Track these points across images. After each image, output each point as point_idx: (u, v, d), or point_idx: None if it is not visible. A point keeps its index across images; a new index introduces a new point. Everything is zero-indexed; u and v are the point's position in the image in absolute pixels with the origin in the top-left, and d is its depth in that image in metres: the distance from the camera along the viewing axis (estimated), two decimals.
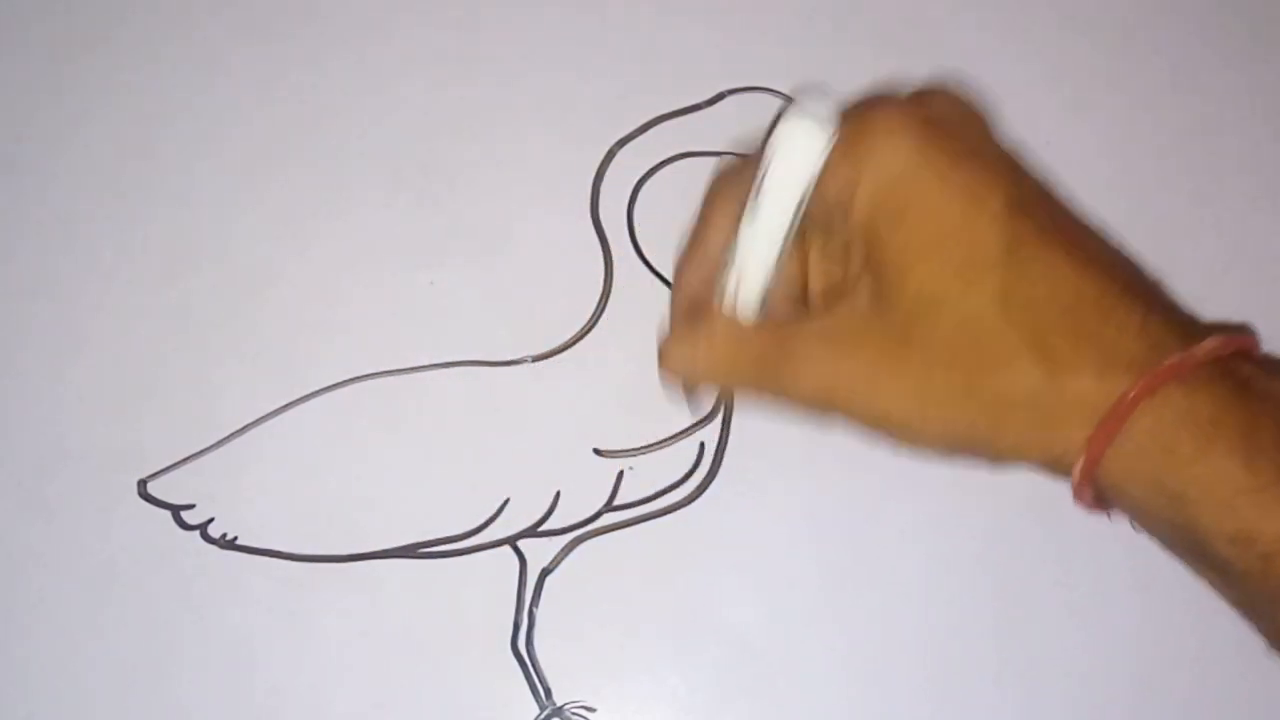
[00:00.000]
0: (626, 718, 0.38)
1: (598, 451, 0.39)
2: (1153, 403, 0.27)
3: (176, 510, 0.38)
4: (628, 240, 0.40)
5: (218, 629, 0.38)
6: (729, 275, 0.31)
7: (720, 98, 0.42)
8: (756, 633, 0.38)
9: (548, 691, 0.37)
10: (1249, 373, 0.28)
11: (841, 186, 0.30)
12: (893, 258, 0.30)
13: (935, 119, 0.30)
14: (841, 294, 0.32)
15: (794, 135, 0.29)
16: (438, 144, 0.42)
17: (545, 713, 0.37)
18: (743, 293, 0.31)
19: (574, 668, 0.38)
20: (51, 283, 0.40)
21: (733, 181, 0.33)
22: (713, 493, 0.39)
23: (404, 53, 0.42)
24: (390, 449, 0.39)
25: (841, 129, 0.30)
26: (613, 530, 0.38)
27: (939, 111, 0.31)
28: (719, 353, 0.32)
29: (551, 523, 0.38)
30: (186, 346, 0.40)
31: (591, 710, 0.37)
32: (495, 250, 0.41)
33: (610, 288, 0.40)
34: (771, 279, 0.31)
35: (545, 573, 0.38)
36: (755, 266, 0.31)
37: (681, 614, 0.38)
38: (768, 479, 0.39)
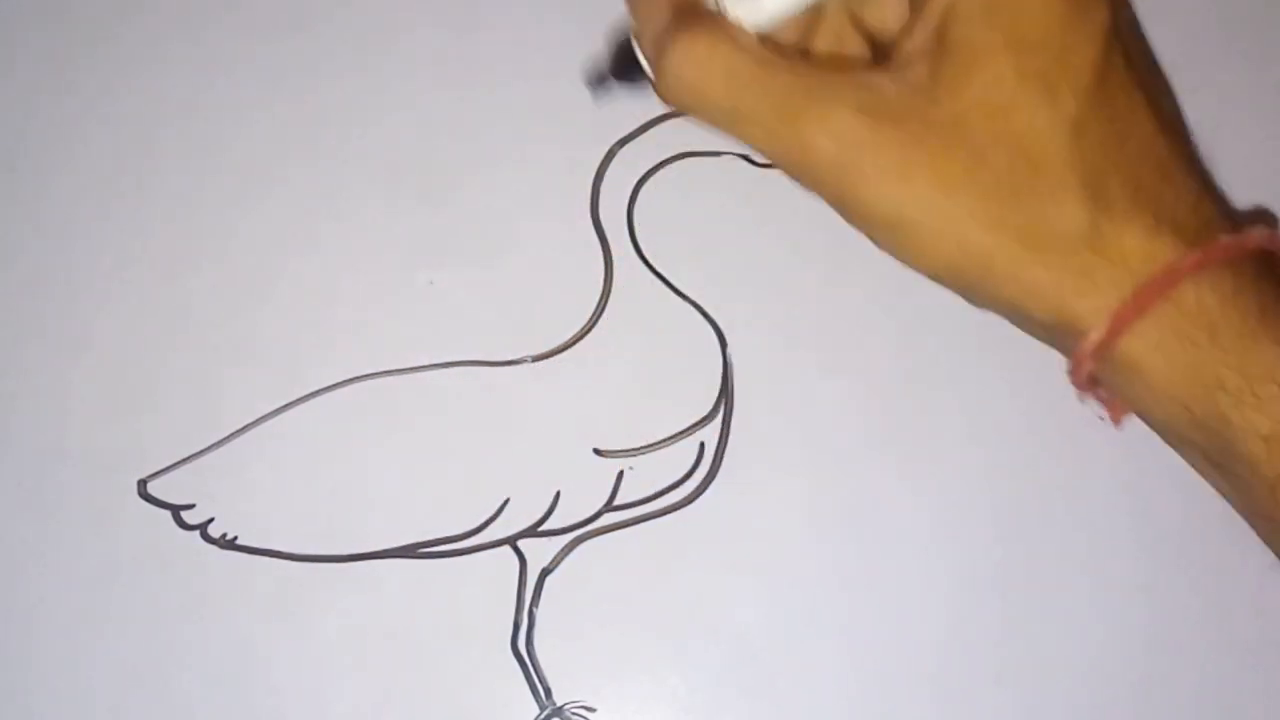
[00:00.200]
0: (626, 718, 0.38)
1: (598, 451, 0.39)
2: (1200, 279, 0.25)
3: (176, 510, 0.38)
4: (628, 240, 0.40)
5: (218, 629, 0.38)
6: None
7: None
8: (756, 633, 0.38)
9: (548, 691, 0.37)
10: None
11: None
12: (973, 38, 0.26)
13: None
14: (892, 55, 0.28)
15: None
16: (438, 144, 0.41)
17: (545, 713, 0.37)
18: (769, 7, 0.27)
19: (574, 668, 0.38)
20: (51, 283, 0.40)
21: None
22: (713, 493, 0.39)
23: (404, 53, 0.42)
24: (390, 449, 0.39)
25: None
26: (613, 530, 0.38)
27: None
28: (736, 69, 0.27)
29: (551, 523, 0.38)
30: (187, 346, 0.40)
31: (591, 710, 0.37)
32: (495, 250, 0.41)
33: (610, 288, 0.40)
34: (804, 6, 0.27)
35: (545, 573, 0.38)
36: None
37: (681, 614, 0.38)
38: (768, 479, 0.39)
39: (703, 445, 0.39)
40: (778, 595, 0.38)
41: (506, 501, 0.38)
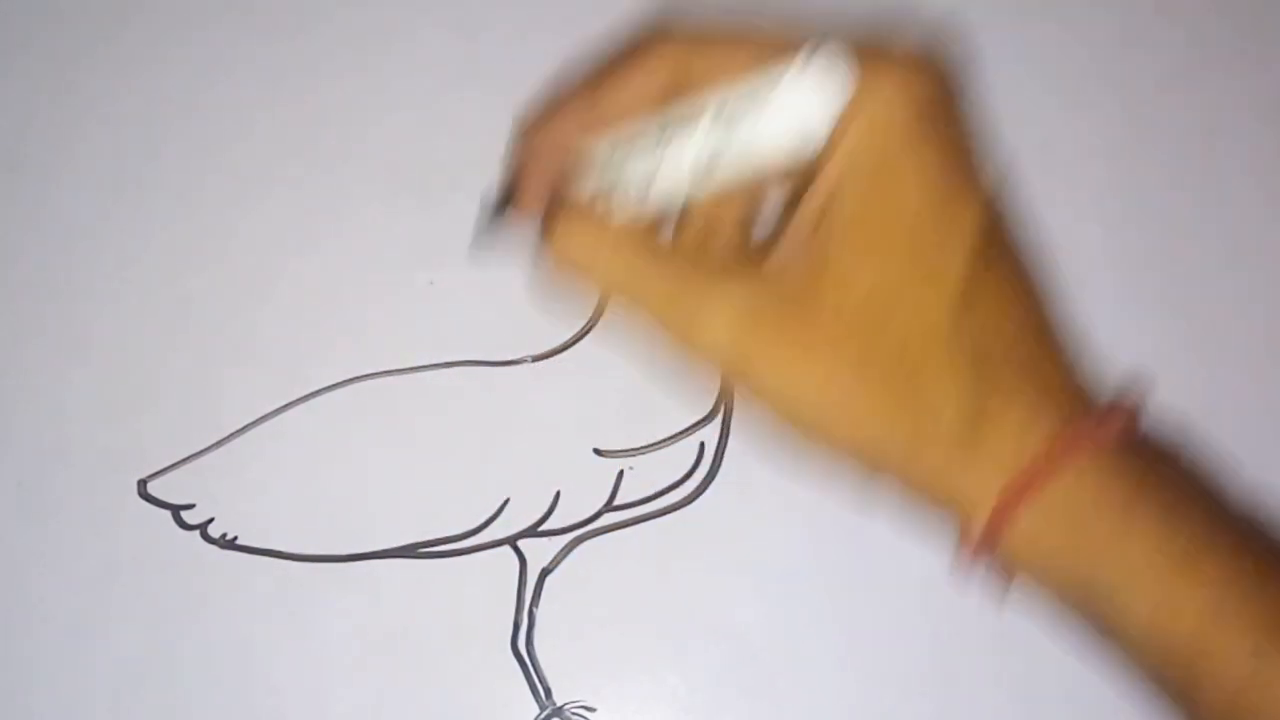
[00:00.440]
0: (626, 718, 0.38)
1: (598, 451, 0.39)
2: (1075, 463, 0.27)
3: (176, 510, 0.38)
4: None
5: (218, 629, 0.38)
6: (635, 171, 0.27)
7: None
8: (756, 632, 0.38)
9: (548, 691, 0.37)
10: (1152, 445, 0.28)
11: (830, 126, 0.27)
12: (855, 233, 0.27)
13: (936, 92, 0.28)
14: (772, 251, 0.28)
15: (823, 75, 0.26)
16: (438, 144, 0.42)
17: (545, 713, 0.37)
18: (652, 200, 0.28)
19: (574, 668, 0.38)
20: (52, 283, 0.40)
21: (682, 52, 0.29)
22: (713, 493, 0.39)
23: (404, 53, 0.42)
24: (390, 449, 0.39)
25: (851, 67, 0.27)
26: (613, 530, 0.38)
27: (937, 83, 0.28)
28: (627, 257, 0.28)
29: (551, 523, 0.38)
30: (187, 346, 0.40)
31: (591, 710, 0.37)
32: (495, 250, 0.41)
33: None
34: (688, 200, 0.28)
35: (545, 573, 0.38)
36: (680, 181, 0.27)
37: (681, 614, 0.38)
38: (768, 479, 0.39)
39: (703, 445, 0.39)
40: (777, 595, 0.38)
41: (506, 501, 0.38)
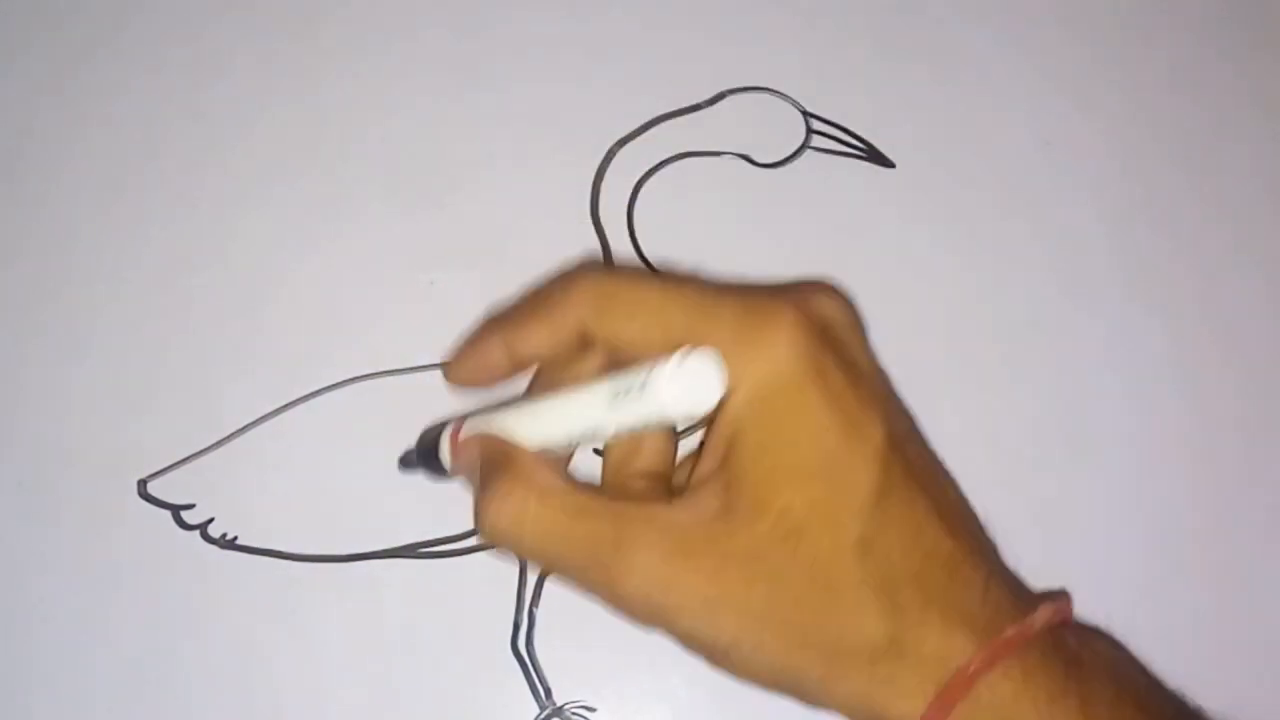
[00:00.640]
0: (626, 718, 0.38)
1: (597, 451, 0.39)
2: (992, 674, 0.27)
3: (176, 510, 0.38)
4: (628, 240, 0.40)
5: (218, 629, 0.38)
6: (550, 419, 0.30)
7: (720, 98, 0.42)
8: None
9: (548, 691, 0.37)
10: (1074, 643, 0.29)
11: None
12: (756, 472, 0.28)
13: (826, 328, 0.29)
14: (688, 487, 0.29)
15: (700, 372, 0.27)
16: (438, 144, 0.42)
17: (545, 713, 0.37)
18: (567, 443, 0.30)
19: (574, 668, 0.38)
20: (53, 283, 0.40)
21: (593, 301, 0.30)
22: None
23: (405, 54, 0.42)
24: (391, 449, 0.39)
25: (734, 318, 0.28)
26: None
27: (827, 317, 0.29)
28: (544, 524, 0.29)
29: None
30: (187, 346, 0.40)
31: (591, 710, 0.37)
32: (496, 250, 0.41)
33: None
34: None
35: (545, 573, 0.38)
36: (589, 431, 0.29)
37: None
38: None
39: (703, 445, 0.39)
40: None
41: None
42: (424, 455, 0.35)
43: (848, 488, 0.28)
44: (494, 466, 0.30)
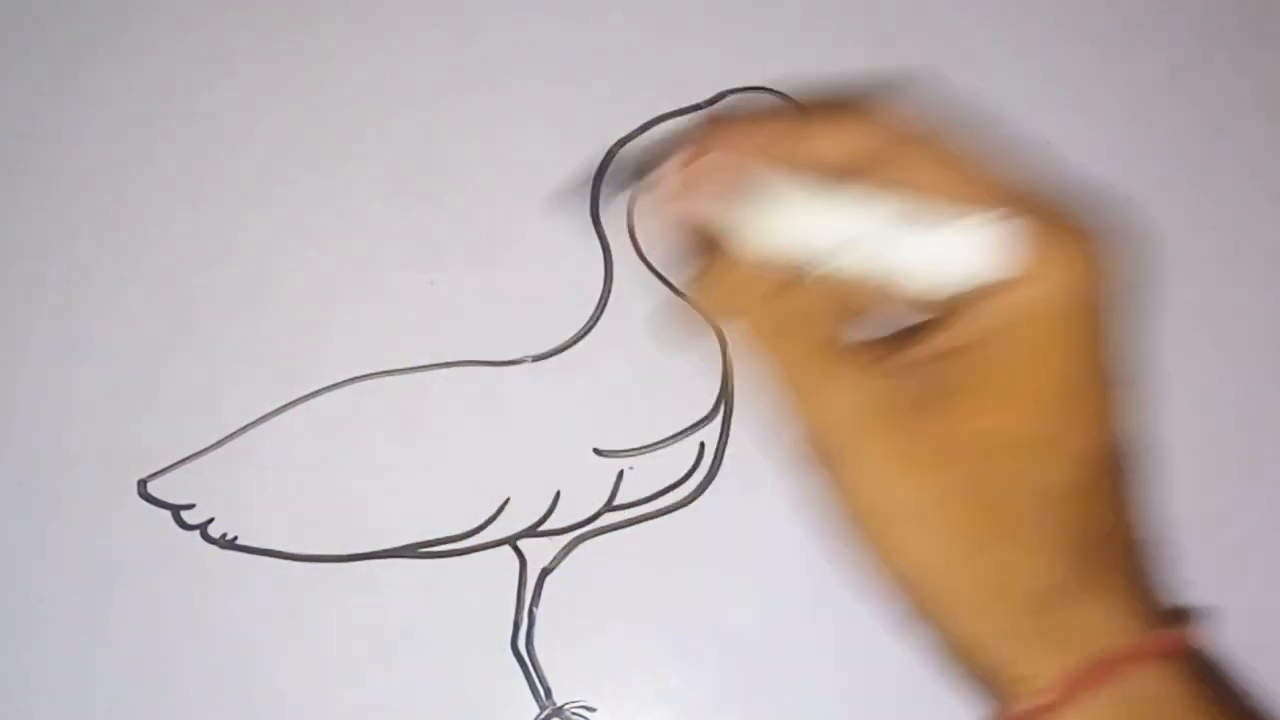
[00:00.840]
0: (626, 718, 0.38)
1: (598, 451, 0.39)
2: (1147, 667, 0.27)
3: (176, 510, 0.38)
4: (628, 240, 0.40)
5: (218, 629, 0.38)
6: (793, 222, 0.27)
7: (720, 98, 0.42)
8: (756, 632, 0.38)
9: (548, 691, 0.37)
10: (1204, 660, 0.28)
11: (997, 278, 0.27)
12: (995, 377, 0.27)
13: (1102, 284, 0.28)
14: (899, 351, 0.28)
15: (1001, 242, 0.26)
16: (438, 144, 0.42)
17: (545, 713, 0.37)
18: (795, 255, 0.28)
19: (574, 668, 0.38)
20: (53, 283, 0.40)
21: (889, 141, 0.28)
22: (713, 493, 0.39)
23: (405, 53, 0.42)
24: (390, 449, 0.39)
25: (1049, 217, 0.27)
26: (613, 530, 0.38)
27: (1105, 275, 0.28)
28: (776, 310, 0.28)
29: (551, 523, 0.38)
30: (187, 346, 0.40)
31: (591, 710, 0.37)
32: (496, 250, 0.41)
33: (610, 288, 0.40)
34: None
35: (545, 573, 0.38)
36: (824, 252, 0.27)
37: (681, 614, 0.38)
38: (768, 479, 0.39)
39: (703, 445, 0.39)
40: (777, 595, 0.38)
41: (506, 501, 0.38)
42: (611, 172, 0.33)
43: (1069, 440, 0.27)
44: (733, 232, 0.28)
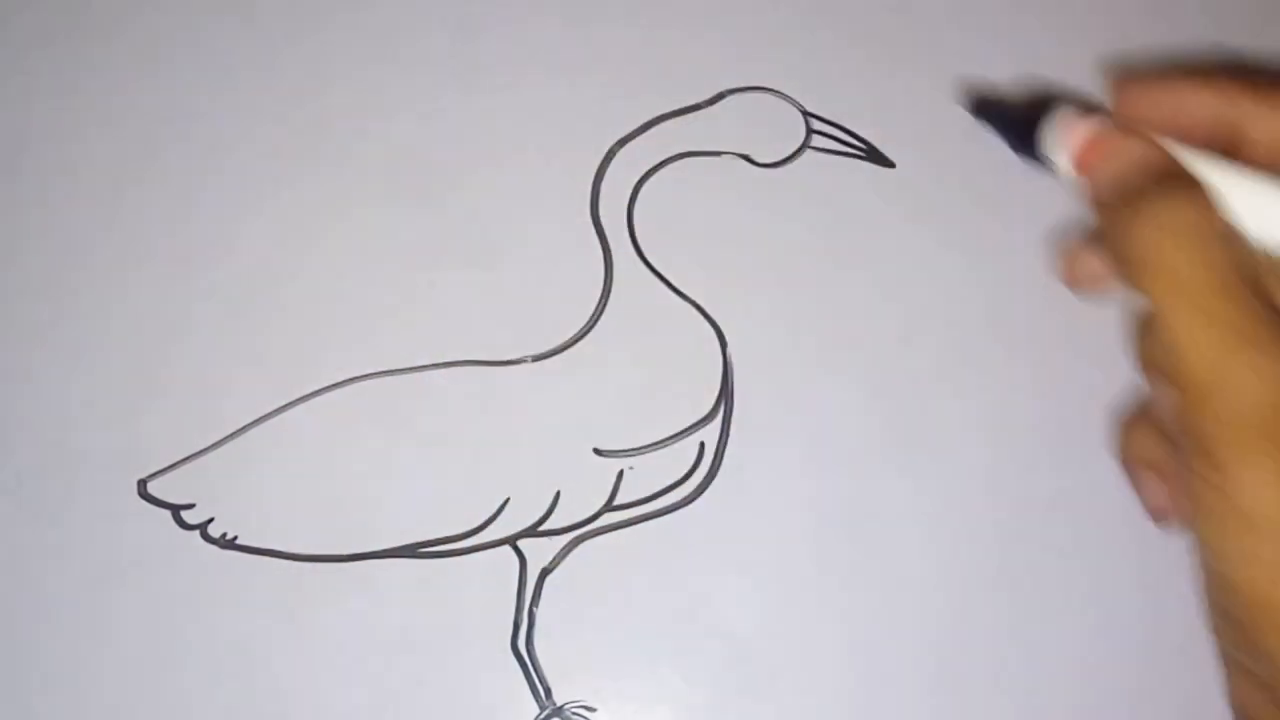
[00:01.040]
0: (626, 718, 0.38)
1: (598, 451, 0.39)
2: None
3: (176, 510, 0.38)
4: (628, 240, 0.40)
5: (218, 629, 0.38)
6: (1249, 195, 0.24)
7: (720, 98, 0.42)
8: (757, 632, 0.38)
9: (548, 691, 0.37)
10: None
11: None
12: None
13: None
14: None
15: None
16: (438, 144, 0.42)
17: (545, 713, 0.37)
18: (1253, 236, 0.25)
19: (574, 668, 0.38)
20: (53, 283, 0.40)
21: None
22: (713, 493, 0.39)
23: (405, 54, 0.42)
24: (390, 449, 0.39)
25: None
26: (613, 530, 0.38)
27: None
28: (1226, 276, 0.24)
29: (551, 523, 0.38)
30: (187, 346, 0.40)
31: (591, 710, 0.37)
32: (495, 250, 0.41)
33: (610, 288, 0.40)
34: None
35: (545, 573, 0.38)
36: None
37: (681, 614, 0.38)
38: (768, 479, 0.39)
39: (703, 445, 0.39)
40: (778, 595, 0.38)
41: (506, 501, 0.38)
42: (1014, 124, 0.30)
43: None
44: (1165, 177, 0.25)
